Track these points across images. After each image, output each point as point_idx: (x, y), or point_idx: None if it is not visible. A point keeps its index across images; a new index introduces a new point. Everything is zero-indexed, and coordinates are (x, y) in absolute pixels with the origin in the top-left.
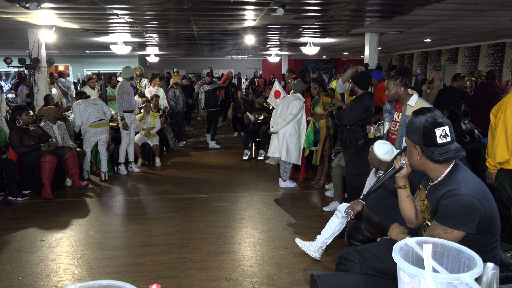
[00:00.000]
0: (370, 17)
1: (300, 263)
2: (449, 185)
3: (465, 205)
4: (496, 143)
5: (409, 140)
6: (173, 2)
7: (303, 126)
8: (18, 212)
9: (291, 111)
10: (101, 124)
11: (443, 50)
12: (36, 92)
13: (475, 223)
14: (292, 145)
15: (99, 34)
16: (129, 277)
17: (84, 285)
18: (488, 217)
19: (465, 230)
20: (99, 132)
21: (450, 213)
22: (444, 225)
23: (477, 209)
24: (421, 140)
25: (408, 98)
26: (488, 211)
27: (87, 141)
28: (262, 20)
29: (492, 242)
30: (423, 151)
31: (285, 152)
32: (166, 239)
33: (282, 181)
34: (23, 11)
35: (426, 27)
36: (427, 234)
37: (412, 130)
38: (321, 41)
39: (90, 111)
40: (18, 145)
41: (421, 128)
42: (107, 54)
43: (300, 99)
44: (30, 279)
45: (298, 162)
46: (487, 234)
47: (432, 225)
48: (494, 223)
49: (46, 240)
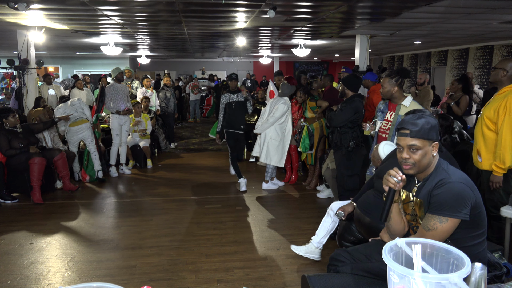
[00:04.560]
0: (361, 19)
1: (292, 264)
2: (438, 176)
3: (457, 192)
4: (503, 147)
5: (426, 140)
6: (164, 3)
7: (288, 130)
8: (7, 214)
9: (274, 114)
10: (79, 122)
11: (432, 52)
12: (25, 94)
13: (468, 209)
14: (273, 148)
15: (90, 35)
16: (120, 280)
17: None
18: (477, 205)
19: (459, 217)
20: (78, 130)
21: (443, 202)
22: (438, 215)
23: (468, 195)
24: (438, 135)
25: (402, 98)
26: (478, 198)
27: (70, 141)
28: (253, 22)
29: (479, 235)
30: (439, 146)
31: (265, 154)
32: (158, 241)
33: (264, 183)
34: (12, 12)
35: (415, 29)
36: (420, 229)
37: (430, 129)
38: (312, 43)
39: (68, 112)
40: (6, 147)
41: (436, 124)
42: (97, 56)
43: (286, 103)
44: (19, 282)
45: (280, 164)
46: (475, 227)
47: (426, 218)
48: (482, 213)
49: (36, 243)
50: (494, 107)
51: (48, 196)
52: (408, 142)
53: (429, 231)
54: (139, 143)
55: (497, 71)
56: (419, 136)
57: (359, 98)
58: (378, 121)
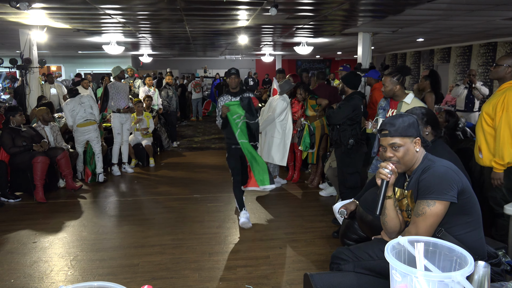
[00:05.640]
0: (363, 17)
1: (294, 263)
2: (423, 166)
3: (441, 175)
4: (501, 143)
5: (405, 138)
6: (165, 2)
7: (289, 128)
8: (10, 213)
9: (273, 111)
10: (87, 123)
11: (435, 50)
12: (28, 93)
13: (454, 191)
14: (275, 146)
15: (92, 34)
16: (123, 278)
17: (75, 287)
18: (465, 189)
19: (447, 199)
20: (85, 131)
21: (429, 185)
22: (426, 199)
23: (453, 178)
24: (418, 131)
25: (404, 96)
26: (464, 183)
27: (77, 141)
28: (255, 20)
29: (472, 223)
30: (422, 141)
31: (267, 152)
32: (160, 240)
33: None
34: (14, 11)
35: (418, 26)
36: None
37: (408, 126)
38: (314, 41)
39: (77, 111)
40: (10, 145)
41: (415, 121)
42: (100, 54)
43: (285, 100)
44: (22, 281)
45: (282, 163)
46: (466, 213)
47: (416, 205)
48: (471, 198)
49: (39, 242)
50: (493, 103)
51: (51, 195)
52: (389, 141)
53: (419, 216)
54: (141, 141)
55: (501, 67)
56: (397, 135)
57: (359, 95)
58: (380, 118)
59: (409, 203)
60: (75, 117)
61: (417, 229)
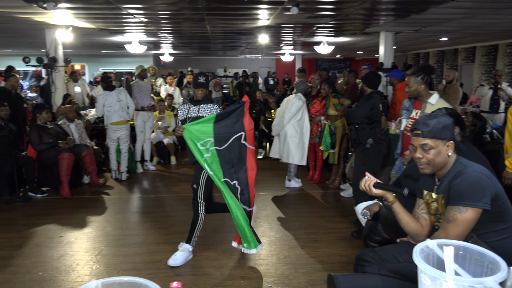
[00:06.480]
0: (385, 15)
1: (316, 263)
2: (455, 170)
3: (474, 181)
4: None
5: (439, 140)
6: (187, 1)
7: (306, 127)
8: (37, 208)
9: (289, 110)
10: (120, 122)
11: (459, 49)
12: (53, 91)
13: (488, 198)
14: (294, 146)
15: (114, 34)
16: (146, 274)
17: (105, 281)
18: (499, 195)
19: (479, 206)
20: (118, 129)
21: (462, 191)
22: (458, 205)
23: (486, 184)
24: (452, 135)
25: (428, 96)
26: (498, 189)
27: (109, 137)
28: (275, 19)
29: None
30: (455, 145)
31: (286, 153)
32: (182, 237)
33: (287, 180)
34: (41, 11)
35: (442, 25)
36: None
37: (442, 128)
38: (335, 40)
39: (115, 108)
40: (37, 142)
41: (450, 124)
42: (122, 53)
43: (301, 99)
44: (50, 274)
45: (302, 163)
46: (499, 220)
47: (446, 210)
48: (505, 205)
49: (65, 236)
50: None
51: (76, 191)
52: (420, 142)
53: (450, 222)
54: (163, 140)
55: None
56: (430, 136)
57: (377, 95)
58: (403, 119)
59: (438, 208)
60: (111, 115)
61: (446, 235)
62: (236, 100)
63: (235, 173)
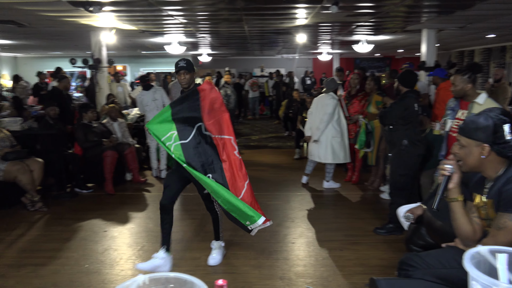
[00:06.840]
0: (428, 12)
1: (355, 266)
2: (508, 175)
3: None
4: None
5: (471, 140)
6: (225, 2)
7: (343, 124)
8: (83, 203)
9: (326, 111)
10: None
11: (507, 46)
12: (97, 91)
13: None
14: (337, 145)
15: (155, 35)
16: (186, 271)
17: (152, 276)
18: None
19: None
20: None
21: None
22: (509, 212)
23: None
24: (491, 138)
25: (475, 96)
26: None
27: (148, 136)
28: (313, 18)
29: None
30: (492, 149)
31: (331, 154)
32: None
33: (326, 181)
34: (87, 15)
35: (489, 22)
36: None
37: (477, 128)
38: (374, 38)
39: (151, 107)
40: (83, 140)
41: (490, 126)
42: (161, 54)
43: (334, 97)
44: (95, 266)
45: (347, 160)
46: None
47: (497, 217)
48: None
49: (109, 231)
50: None
51: (119, 187)
52: (458, 138)
53: (500, 230)
54: None
55: None
56: (463, 134)
57: (413, 94)
58: (448, 120)
59: (489, 213)
60: (148, 114)
61: (496, 243)
62: (272, 100)
63: (209, 166)
